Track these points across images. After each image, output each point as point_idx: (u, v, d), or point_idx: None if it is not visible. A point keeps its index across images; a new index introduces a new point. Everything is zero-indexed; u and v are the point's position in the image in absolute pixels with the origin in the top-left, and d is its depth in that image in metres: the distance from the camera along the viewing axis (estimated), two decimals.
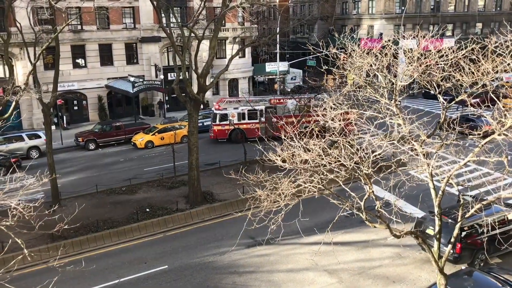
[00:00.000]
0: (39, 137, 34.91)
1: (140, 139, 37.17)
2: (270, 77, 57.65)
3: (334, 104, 13.50)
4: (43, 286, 9.98)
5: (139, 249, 21.03)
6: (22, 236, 11.24)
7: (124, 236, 22.03)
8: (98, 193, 26.77)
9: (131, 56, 46.94)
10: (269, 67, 56.33)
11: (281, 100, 38.36)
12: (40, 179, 10.06)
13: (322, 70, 18.46)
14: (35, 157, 34.20)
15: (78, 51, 44.08)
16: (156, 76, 45.92)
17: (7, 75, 39.13)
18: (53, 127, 34.42)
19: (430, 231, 18.19)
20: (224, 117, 37.27)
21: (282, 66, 55.83)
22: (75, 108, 45.30)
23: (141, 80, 43.53)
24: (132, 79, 43.16)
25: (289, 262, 19.40)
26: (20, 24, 25.06)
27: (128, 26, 46.05)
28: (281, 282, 17.93)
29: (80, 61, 44.44)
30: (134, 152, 36.16)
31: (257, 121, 37.18)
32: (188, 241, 21.59)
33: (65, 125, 42.46)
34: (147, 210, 24.20)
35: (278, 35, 51.38)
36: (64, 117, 42.99)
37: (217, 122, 37.30)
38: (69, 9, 38.23)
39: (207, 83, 26.52)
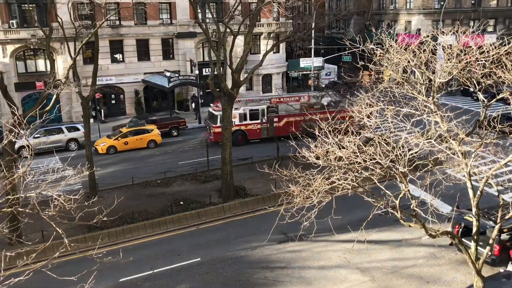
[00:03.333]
0: (78, 129, 35.89)
1: (102, 144, 34.99)
2: (304, 72, 57.32)
3: (370, 100, 13.32)
4: (82, 275, 10.33)
5: (173, 241, 21.40)
6: (61, 226, 11.63)
7: (158, 228, 22.46)
8: (134, 185, 27.36)
9: (167, 52, 47.58)
10: (304, 62, 56.00)
11: (281, 99, 37.52)
12: (80, 171, 10.40)
13: (358, 66, 18.22)
14: (74, 149, 35.19)
15: (116, 46, 45.02)
16: (191, 71, 46.39)
17: (48, 69, 40.43)
18: (91, 120, 35.33)
19: (468, 218, 17.67)
20: None
21: (317, 61, 55.40)
22: (113, 102, 46.34)
23: (176, 75, 44.07)
24: (168, 74, 43.76)
25: (321, 259, 19.33)
26: (61, 19, 25.77)
27: (165, 21, 46.70)
28: (312, 279, 17.90)
29: (118, 56, 45.38)
30: (169, 145, 36.68)
31: (259, 121, 36.17)
32: (220, 234, 21.81)
33: (102, 119, 43.50)
34: (181, 203, 24.57)
35: (313, 30, 50.98)
36: (102, 111, 44.04)
37: (218, 123, 34.03)
38: (108, 4, 39.01)
39: (241, 79, 26.61)
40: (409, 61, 13.88)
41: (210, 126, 35.70)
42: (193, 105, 45.93)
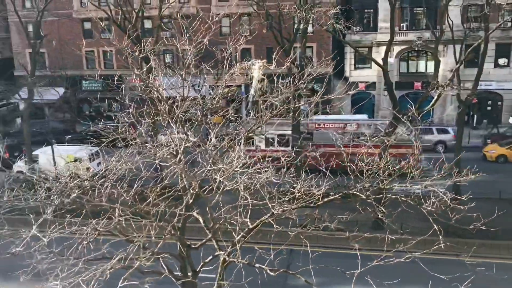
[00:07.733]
0: (448, 132, 35.75)
1: (491, 151, 34.56)
2: None
3: None
4: (452, 277, 10.36)
5: None
6: (422, 223, 11.78)
7: None
8: (501, 200, 25.28)
9: None
10: None
11: (320, 125, 30.93)
12: (467, 174, 10.42)
13: None
14: (441, 151, 35.18)
15: (503, 50, 42.03)
16: None
17: (427, 71, 41.49)
18: None
19: None
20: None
21: None
22: (488, 108, 43.81)
23: None
24: None
25: None
26: (452, 21, 25.93)
27: None
28: None
29: (502, 60, 42.34)
30: None
31: (288, 149, 28.27)
32: None
33: (474, 125, 41.87)
34: None
35: None
36: (475, 116, 42.35)
37: None
38: (505, 6, 36.74)
39: None
40: None
41: None
42: None
